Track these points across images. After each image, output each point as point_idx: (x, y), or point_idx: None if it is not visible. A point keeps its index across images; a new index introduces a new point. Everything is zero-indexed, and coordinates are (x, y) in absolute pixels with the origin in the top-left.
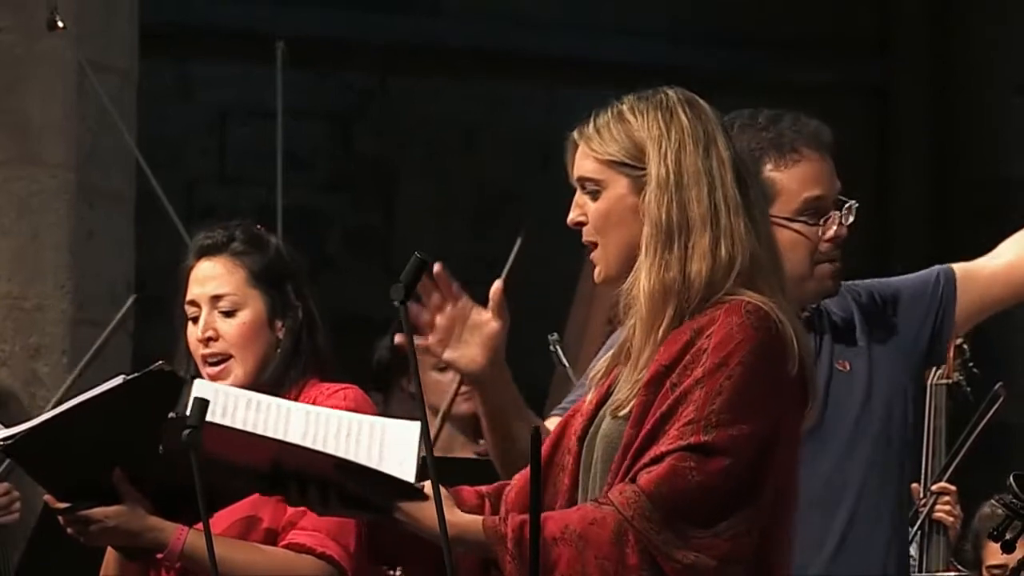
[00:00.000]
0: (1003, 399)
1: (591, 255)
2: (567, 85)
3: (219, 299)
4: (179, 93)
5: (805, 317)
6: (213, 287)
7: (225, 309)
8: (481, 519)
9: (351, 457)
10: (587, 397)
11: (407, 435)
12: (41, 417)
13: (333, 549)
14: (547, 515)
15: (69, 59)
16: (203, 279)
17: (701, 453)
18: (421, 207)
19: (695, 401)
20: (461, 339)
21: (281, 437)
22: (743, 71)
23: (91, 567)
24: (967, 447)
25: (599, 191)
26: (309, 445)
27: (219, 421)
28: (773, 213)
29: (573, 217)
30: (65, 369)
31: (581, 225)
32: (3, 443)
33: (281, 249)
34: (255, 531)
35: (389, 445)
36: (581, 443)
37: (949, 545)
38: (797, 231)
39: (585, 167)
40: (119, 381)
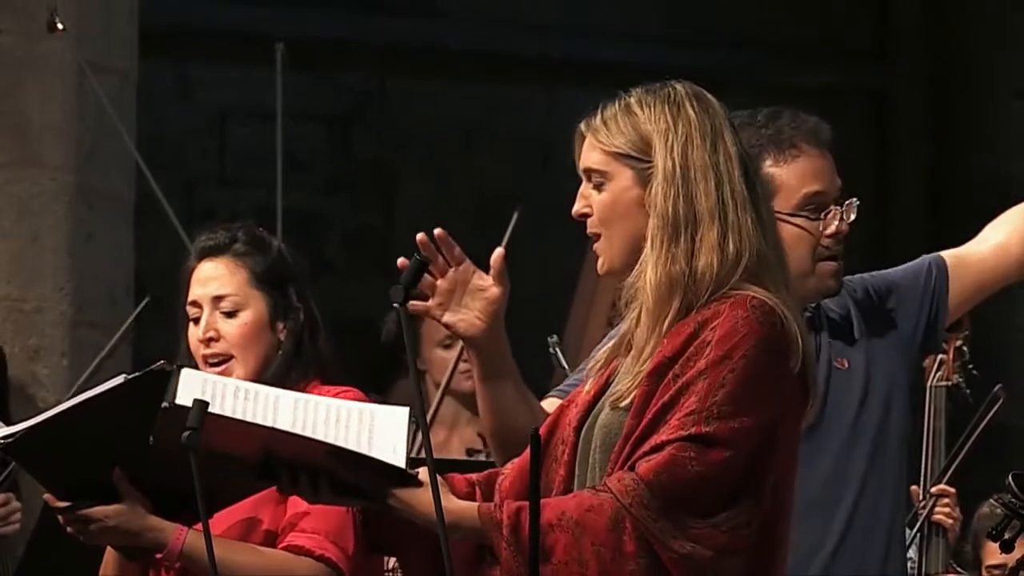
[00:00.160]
0: (1003, 401)
1: (594, 246)
2: (566, 86)
3: (221, 300)
4: (179, 95)
5: (807, 317)
6: (215, 288)
7: (227, 310)
8: (476, 505)
9: (341, 444)
10: (584, 387)
11: (397, 420)
12: (41, 416)
13: (331, 551)
14: (544, 502)
15: (69, 60)
16: (205, 280)
17: (701, 444)
18: (421, 209)
19: (697, 392)
20: (461, 303)
21: (271, 425)
22: (743, 73)
23: (91, 567)
24: (966, 449)
25: (604, 183)
26: (299, 432)
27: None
28: (773, 209)
29: (578, 208)
30: (65, 371)
31: (585, 216)
32: (3, 441)
33: (283, 251)
34: (255, 533)
35: (379, 431)
36: (578, 434)
37: (948, 547)
38: (798, 226)
39: (591, 158)
40: (120, 380)
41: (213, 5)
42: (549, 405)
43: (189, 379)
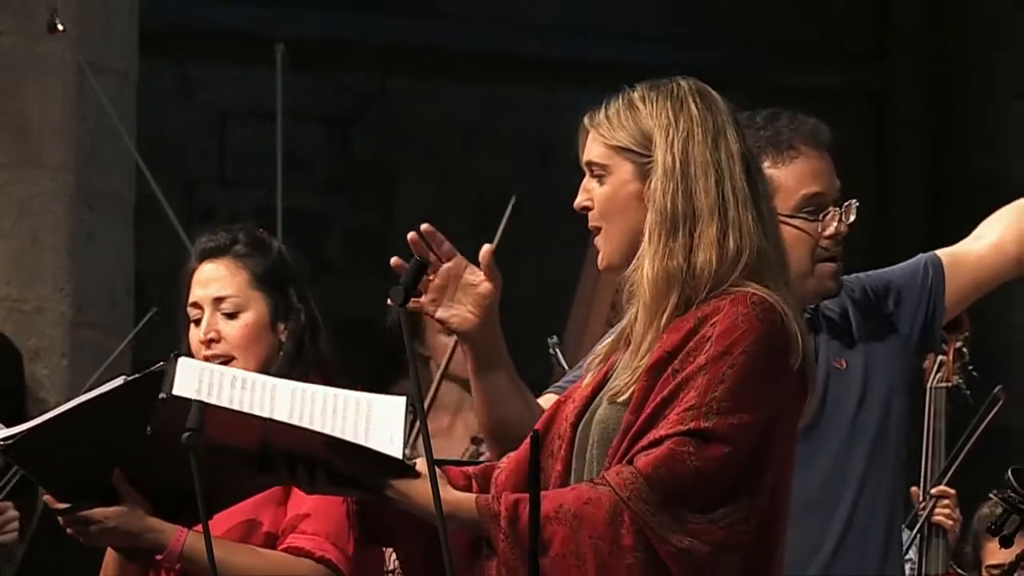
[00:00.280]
0: (1002, 402)
1: (595, 240)
2: (566, 86)
3: (221, 301)
4: (179, 95)
5: (806, 318)
6: (216, 289)
7: (227, 311)
8: (474, 497)
9: (337, 434)
10: (583, 381)
11: (394, 410)
12: (41, 417)
13: (332, 553)
14: (542, 494)
15: (69, 61)
16: (206, 281)
17: (700, 439)
18: (421, 209)
19: (697, 387)
20: (455, 298)
21: (268, 415)
22: (743, 73)
23: (91, 567)
24: (966, 450)
25: (605, 176)
26: (296, 423)
27: (205, 400)
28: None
29: (580, 201)
30: (65, 371)
31: (587, 210)
32: (3, 443)
33: (283, 252)
34: (255, 534)
35: (376, 421)
36: (575, 429)
37: (948, 548)
38: (796, 227)
39: (593, 152)
40: (120, 382)
41: (213, 5)
42: (546, 402)
43: (186, 368)
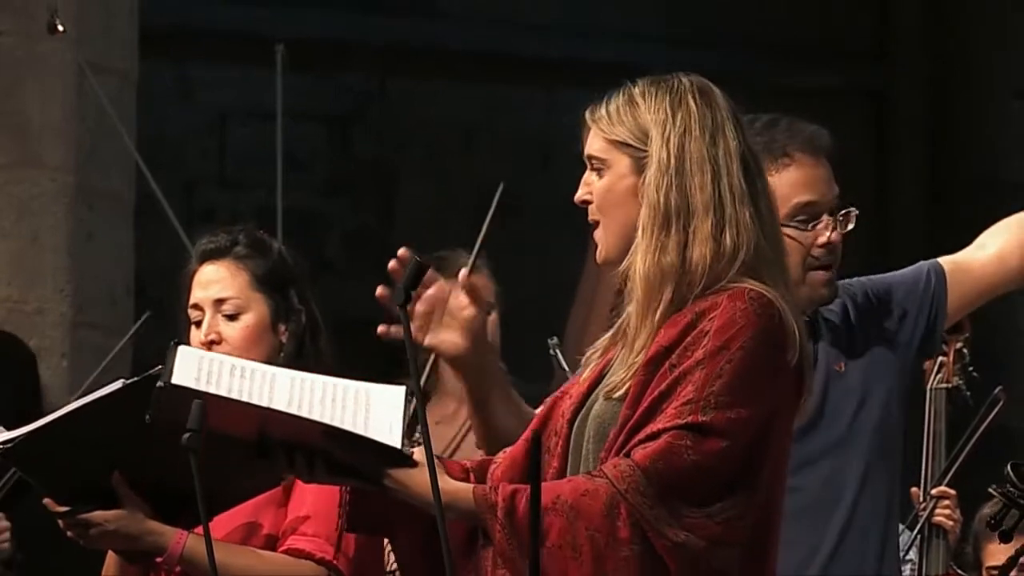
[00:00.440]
0: (1003, 403)
1: (593, 234)
2: (566, 86)
3: (222, 302)
4: (179, 95)
5: (805, 322)
6: (216, 290)
7: (228, 312)
8: (471, 487)
9: (336, 423)
10: (581, 375)
11: (393, 399)
12: (41, 421)
13: (332, 554)
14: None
15: (69, 61)
16: (206, 283)
17: (698, 433)
18: (421, 209)
19: (694, 382)
20: (443, 323)
21: (267, 404)
22: (742, 73)
23: (91, 569)
24: (967, 451)
25: (604, 170)
26: (295, 412)
27: (204, 388)
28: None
29: (580, 195)
30: (65, 372)
31: (587, 203)
32: (3, 446)
33: (284, 253)
34: (256, 536)
35: (375, 410)
36: (571, 425)
37: (949, 549)
38: (788, 235)
39: (593, 146)
40: (119, 385)
41: (213, 5)
42: None
43: (186, 356)
